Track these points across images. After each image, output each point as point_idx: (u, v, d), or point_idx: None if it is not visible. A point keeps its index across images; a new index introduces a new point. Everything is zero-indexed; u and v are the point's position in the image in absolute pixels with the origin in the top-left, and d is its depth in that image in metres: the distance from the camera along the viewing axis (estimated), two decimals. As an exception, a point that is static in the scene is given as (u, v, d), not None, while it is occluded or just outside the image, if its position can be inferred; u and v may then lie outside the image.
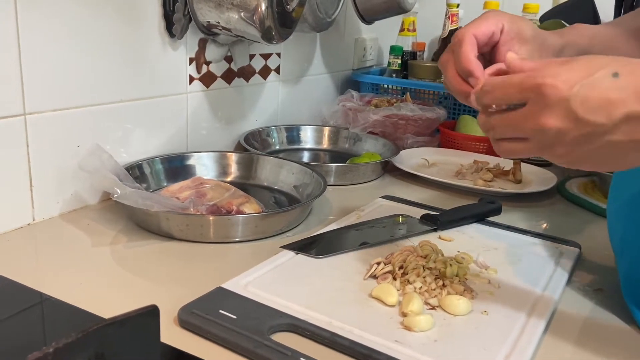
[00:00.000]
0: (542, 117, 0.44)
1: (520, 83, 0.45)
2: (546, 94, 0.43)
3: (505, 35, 0.57)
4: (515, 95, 0.45)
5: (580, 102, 0.42)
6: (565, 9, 1.29)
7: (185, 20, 0.86)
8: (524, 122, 0.45)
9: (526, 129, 0.45)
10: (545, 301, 0.58)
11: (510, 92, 0.46)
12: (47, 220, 0.73)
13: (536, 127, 0.44)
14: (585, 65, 0.43)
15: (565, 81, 0.42)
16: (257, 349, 0.46)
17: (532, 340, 0.51)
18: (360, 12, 1.21)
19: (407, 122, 1.17)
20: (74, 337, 0.32)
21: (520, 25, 0.57)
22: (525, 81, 0.44)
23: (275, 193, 0.89)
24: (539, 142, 0.45)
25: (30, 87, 0.68)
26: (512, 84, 0.46)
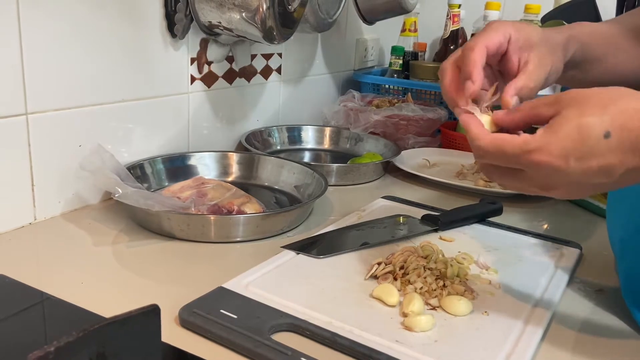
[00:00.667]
0: (545, 188, 0.46)
1: (516, 157, 0.45)
2: (545, 171, 0.44)
3: (514, 44, 0.56)
4: (510, 164, 0.47)
5: (582, 173, 0.43)
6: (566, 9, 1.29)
7: (186, 20, 0.86)
8: (528, 187, 0.47)
9: (529, 191, 0.48)
10: (546, 302, 0.58)
11: (505, 161, 0.47)
12: (49, 219, 0.73)
13: (540, 189, 0.47)
14: (575, 130, 0.43)
15: (560, 156, 0.43)
16: (257, 349, 0.46)
17: (533, 341, 0.51)
18: (362, 12, 1.21)
19: (408, 122, 1.17)
20: (75, 336, 0.32)
21: (526, 33, 0.57)
22: (522, 157, 0.45)
23: (276, 193, 0.89)
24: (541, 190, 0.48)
25: (32, 86, 0.68)
26: (507, 155, 0.46)
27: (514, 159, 0.46)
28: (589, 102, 0.44)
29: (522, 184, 0.48)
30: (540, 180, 0.46)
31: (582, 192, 0.47)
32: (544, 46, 0.58)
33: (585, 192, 0.47)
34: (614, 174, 0.43)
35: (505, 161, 0.47)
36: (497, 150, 0.47)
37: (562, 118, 0.44)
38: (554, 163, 0.44)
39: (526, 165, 0.45)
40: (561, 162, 0.43)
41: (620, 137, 0.42)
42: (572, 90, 0.46)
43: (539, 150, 0.44)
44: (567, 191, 0.46)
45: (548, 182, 0.46)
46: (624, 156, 0.42)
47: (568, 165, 0.43)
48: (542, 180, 0.46)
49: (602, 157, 0.43)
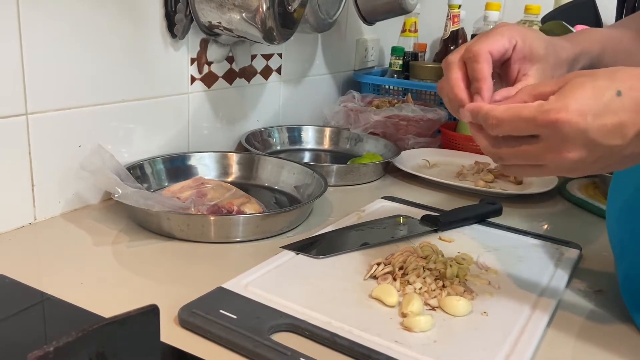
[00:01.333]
0: (562, 151, 0.45)
1: (533, 119, 0.45)
2: (563, 129, 0.43)
3: (517, 53, 0.55)
4: (527, 129, 0.46)
5: (598, 130, 0.43)
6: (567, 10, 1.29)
7: (187, 21, 0.86)
8: (543, 155, 0.46)
9: (545, 159, 0.46)
10: (546, 302, 0.58)
11: (521, 126, 0.46)
12: (49, 219, 0.73)
13: (556, 158, 0.45)
14: (590, 90, 0.44)
15: (578, 113, 0.43)
16: (257, 349, 0.46)
17: (532, 342, 0.51)
18: (362, 12, 1.21)
19: (408, 122, 1.17)
20: (75, 336, 0.32)
21: (532, 44, 0.55)
22: (538, 117, 0.44)
23: (276, 193, 0.89)
24: (557, 167, 0.47)
25: (32, 86, 0.68)
26: (524, 118, 0.45)
27: (531, 122, 0.45)
28: (597, 72, 0.46)
29: (539, 155, 0.46)
30: (557, 144, 0.45)
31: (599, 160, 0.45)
32: (548, 62, 0.56)
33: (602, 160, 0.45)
34: (627, 134, 0.43)
35: (523, 126, 0.45)
36: (513, 116, 0.46)
37: (574, 83, 0.45)
38: (572, 119, 0.43)
39: (545, 125, 0.44)
40: (580, 118, 0.43)
41: (630, 96, 0.43)
42: (576, 72, 0.48)
43: (556, 109, 0.43)
44: (586, 157, 0.45)
45: (566, 144, 0.44)
46: (636, 115, 0.43)
47: (586, 121, 0.43)
48: (560, 143, 0.44)
49: (616, 114, 0.43)
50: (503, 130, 0.47)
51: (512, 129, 0.46)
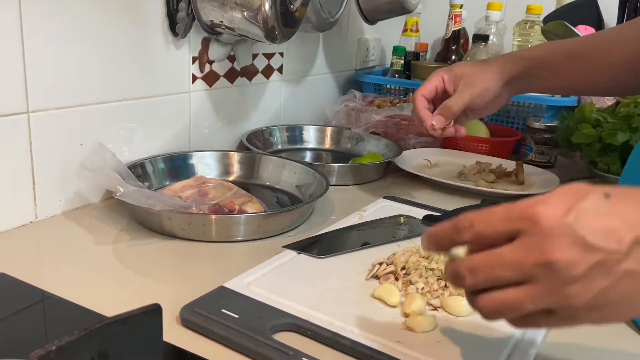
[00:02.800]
0: (545, 250, 0.35)
1: (507, 212, 0.37)
2: (543, 223, 0.35)
3: (447, 82, 0.78)
4: (502, 227, 0.37)
5: (585, 227, 0.34)
6: (568, 10, 1.29)
7: (188, 19, 0.86)
8: (523, 258, 0.35)
9: (526, 267, 0.35)
10: (548, 303, 0.58)
11: (495, 224, 0.37)
12: (50, 218, 0.73)
13: (539, 262, 0.35)
14: (571, 191, 0.36)
15: (558, 206, 0.35)
16: (259, 349, 0.46)
17: (534, 342, 0.51)
18: (364, 12, 1.20)
19: (409, 122, 1.17)
20: (77, 335, 0.32)
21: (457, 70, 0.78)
22: (513, 210, 0.36)
23: (278, 193, 0.89)
24: (545, 282, 0.35)
25: (33, 85, 0.68)
26: (497, 216, 0.37)
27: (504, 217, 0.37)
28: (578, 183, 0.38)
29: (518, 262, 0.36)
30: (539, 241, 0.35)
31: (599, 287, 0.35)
32: (473, 72, 0.76)
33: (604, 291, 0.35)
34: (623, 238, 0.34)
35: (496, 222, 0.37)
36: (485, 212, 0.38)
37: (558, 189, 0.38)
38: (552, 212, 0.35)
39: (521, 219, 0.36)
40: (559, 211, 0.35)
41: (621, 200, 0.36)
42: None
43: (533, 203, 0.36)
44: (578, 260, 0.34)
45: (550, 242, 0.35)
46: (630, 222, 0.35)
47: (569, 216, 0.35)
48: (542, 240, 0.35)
49: (606, 215, 0.35)
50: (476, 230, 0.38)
51: (486, 228, 0.37)
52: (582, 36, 0.84)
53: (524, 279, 0.36)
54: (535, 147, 1.15)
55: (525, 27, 1.37)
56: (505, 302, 0.36)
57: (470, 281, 0.37)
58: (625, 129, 0.89)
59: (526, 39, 1.37)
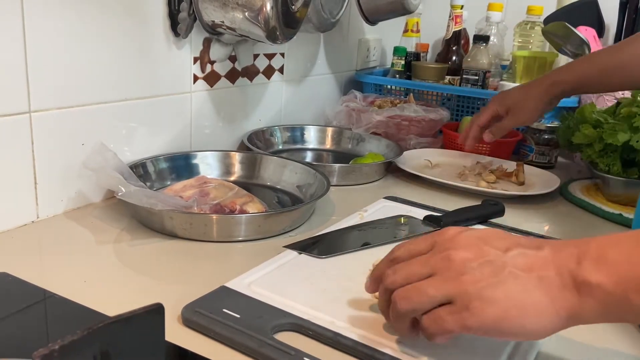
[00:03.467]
0: (447, 248, 0.45)
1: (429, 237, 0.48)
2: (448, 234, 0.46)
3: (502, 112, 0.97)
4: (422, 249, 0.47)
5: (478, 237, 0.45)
6: (569, 11, 1.29)
7: (190, 20, 0.86)
8: (432, 256, 0.45)
9: (432, 261, 0.45)
10: (548, 303, 0.58)
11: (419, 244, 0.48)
12: (51, 217, 0.73)
13: (443, 256, 0.45)
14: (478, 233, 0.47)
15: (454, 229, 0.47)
16: (260, 348, 0.46)
17: (534, 344, 0.51)
18: (365, 12, 1.21)
19: (410, 123, 1.17)
20: (80, 334, 0.32)
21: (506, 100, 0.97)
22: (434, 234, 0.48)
23: (279, 193, 0.89)
24: (445, 273, 0.44)
25: (35, 84, 0.68)
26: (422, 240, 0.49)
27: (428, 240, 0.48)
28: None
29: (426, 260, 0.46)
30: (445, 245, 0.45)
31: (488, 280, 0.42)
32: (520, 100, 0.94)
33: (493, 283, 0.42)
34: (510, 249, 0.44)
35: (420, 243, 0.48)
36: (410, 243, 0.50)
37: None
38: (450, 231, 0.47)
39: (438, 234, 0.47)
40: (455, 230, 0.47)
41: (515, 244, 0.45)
42: None
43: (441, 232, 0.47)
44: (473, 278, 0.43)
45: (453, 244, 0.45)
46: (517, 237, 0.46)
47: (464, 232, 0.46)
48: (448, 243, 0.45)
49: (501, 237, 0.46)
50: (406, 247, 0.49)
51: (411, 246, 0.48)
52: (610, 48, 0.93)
53: (430, 273, 0.44)
54: (535, 148, 1.16)
55: (526, 28, 1.37)
56: (414, 288, 0.44)
57: (391, 278, 0.46)
58: (626, 129, 0.89)
59: (527, 39, 1.38)
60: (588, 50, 1.12)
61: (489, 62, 1.29)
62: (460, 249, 0.44)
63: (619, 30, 1.35)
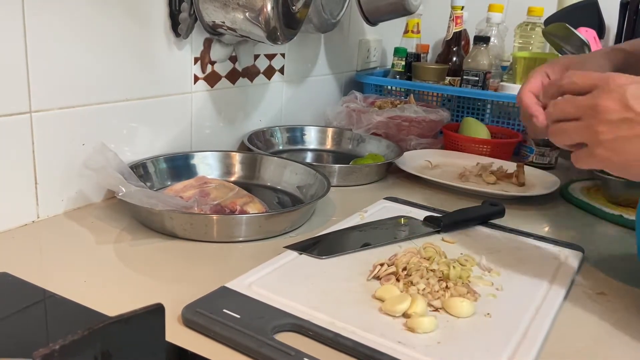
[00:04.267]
0: (598, 98, 0.52)
1: (594, 78, 0.53)
2: (610, 82, 0.51)
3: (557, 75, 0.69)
4: (587, 86, 0.54)
5: (634, 93, 0.50)
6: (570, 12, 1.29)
7: (190, 20, 0.86)
8: (583, 100, 0.53)
9: (582, 106, 0.53)
10: (548, 304, 0.58)
11: (586, 82, 0.54)
12: (52, 217, 0.73)
13: (590, 104, 0.52)
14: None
15: (626, 77, 0.52)
16: (260, 349, 0.46)
17: (535, 343, 0.51)
18: (365, 13, 1.21)
19: (410, 123, 1.17)
20: (81, 334, 0.32)
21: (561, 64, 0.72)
22: (598, 77, 0.53)
23: (279, 193, 0.89)
24: (587, 119, 0.52)
25: (36, 84, 0.68)
26: (589, 77, 0.54)
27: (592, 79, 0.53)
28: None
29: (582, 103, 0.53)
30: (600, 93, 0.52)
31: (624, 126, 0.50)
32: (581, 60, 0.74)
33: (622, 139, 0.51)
34: None
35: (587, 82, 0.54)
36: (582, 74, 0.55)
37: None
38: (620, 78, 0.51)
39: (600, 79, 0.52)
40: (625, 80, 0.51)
41: None
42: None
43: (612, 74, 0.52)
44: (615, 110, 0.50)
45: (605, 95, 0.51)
46: None
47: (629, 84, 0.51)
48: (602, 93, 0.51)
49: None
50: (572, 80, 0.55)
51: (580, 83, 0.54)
52: None
53: (579, 116, 0.53)
54: (536, 149, 1.16)
55: (527, 29, 1.38)
56: (561, 129, 0.55)
57: (553, 113, 0.57)
58: (626, 131, 0.89)
59: (527, 40, 1.38)
60: (589, 51, 1.12)
61: (490, 63, 1.29)
62: (608, 100, 0.51)
63: (619, 32, 1.35)
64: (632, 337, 0.55)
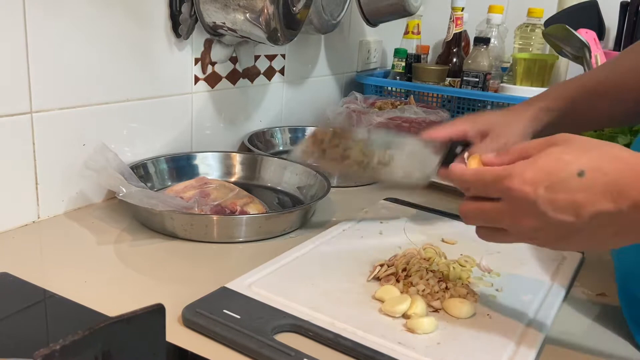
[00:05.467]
0: (516, 217, 0.46)
1: (493, 183, 0.47)
2: (515, 196, 0.45)
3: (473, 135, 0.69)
4: (490, 192, 0.48)
5: (548, 204, 0.44)
6: (570, 13, 1.29)
7: (191, 21, 0.86)
8: (501, 217, 0.48)
9: (503, 224, 0.48)
10: (548, 304, 0.58)
11: (485, 189, 0.48)
12: (52, 218, 0.73)
13: (513, 224, 0.47)
14: (549, 162, 0.45)
15: (531, 183, 0.45)
16: (260, 349, 0.47)
17: (535, 344, 0.51)
18: (365, 14, 1.21)
19: (410, 124, 1.17)
20: (81, 334, 0.33)
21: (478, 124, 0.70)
22: (497, 182, 0.47)
23: (279, 194, 0.89)
24: (519, 235, 0.48)
25: (37, 85, 0.68)
26: (485, 181, 0.48)
27: (492, 185, 0.47)
28: (574, 143, 0.46)
29: (497, 217, 0.48)
30: (514, 209, 0.46)
31: (557, 234, 0.46)
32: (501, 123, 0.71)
33: (560, 235, 0.46)
34: (582, 214, 0.43)
35: (485, 189, 0.48)
36: (478, 179, 0.49)
37: (545, 153, 0.46)
38: (523, 189, 0.45)
39: (501, 191, 0.46)
40: (530, 188, 0.44)
41: (594, 177, 0.43)
42: (563, 134, 0.48)
43: (512, 176, 0.46)
44: (539, 227, 0.45)
45: (520, 211, 0.46)
46: (594, 197, 0.43)
47: (536, 193, 0.44)
48: (516, 209, 0.46)
49: (571, 192, 0.43)
50: (472, 191, 0.50)
51: (479, 191, 0.49)
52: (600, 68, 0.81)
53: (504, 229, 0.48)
54: (536, 150, 1.15)
55: (527, 30, 1.38)
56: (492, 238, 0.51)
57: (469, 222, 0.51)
58: (626, 132, 0.89)
59: (527, 42, 1.38)
60: (589, 52, 1.12)
61: (490, 64, 1.29)
62: (526, 219, 0.45)
63: (619, 33, 1.35)
64: (632, 339, 0.55)
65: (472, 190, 0.50)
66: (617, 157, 0.44)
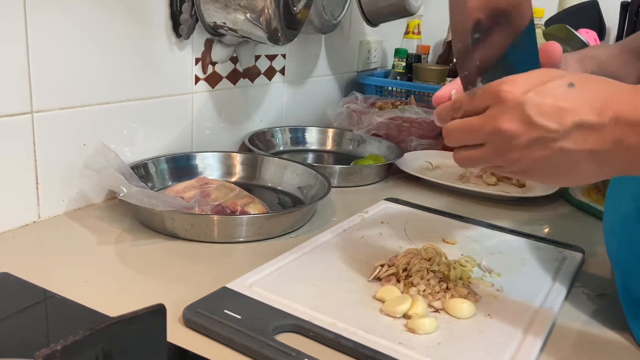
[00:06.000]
0: (498, 120, 0.45)
1: (483, 91, 0.47)
2: (503, 98, 0.45)
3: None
4: (479, 103, 0.47)
5: (534, 107, 0.44)
6: (570, 13, 1.29)
7: (192, 21, 0.86)
8: (482, 126, 0.47)
9: (483, 133, 0.47)
10: (549, 305, 0.58)
11: (475, 101, 0.48)
12: (53, 218, 0.73)
13: (492, 130, 0.46)
14: (542, 74, 0.46)
15: (520, 87, 0.45)
16: (261, 349, 0.47)
17: (535, 345, 0.51)
18: (366, 14, 1.21)
19: (411, 124, 1.17)
20: (82, 334, 0.32)
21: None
22: (487, 89, 0.47)
23: (280, 194, 0.89)
24: (494, 146, 0.47)
25: (37, 85, 0.68)
26: (477, 93, 0.48)
27: (481, 93, 0.47)
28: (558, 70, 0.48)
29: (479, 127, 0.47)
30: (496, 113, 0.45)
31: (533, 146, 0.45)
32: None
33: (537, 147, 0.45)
34: (565, 122, 0.43)
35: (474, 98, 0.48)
36: (469, 92, 0.49)
37: (538, 69, 0.47)
38: (514, 91, 0.44)
39: (491, 95, 0.46)
40: (519, 92, 0.44)
41: (582, 90, 0.44)
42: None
43: (504, 81, 0.45)
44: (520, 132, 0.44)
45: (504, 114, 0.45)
46: (580, 107, 0.43)
47: (526, 96, 0.44)
48: (499, 112, 0.45)
49: (558, 99, 0.44)
50: (463, 108, 0.49)
51: (469, 105, 0.48)
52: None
53: (482, 142, 0.47)
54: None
55: (527, 30, 1.37)
56: (467, 157, 0.49)
57: (451, 139, 0.51)
58: None
59: (528, 42, 1.37)
60: (589, 52, 1.12)
61: (490, 64, 1.29)
62: (509, 122, 0.45)
63: (620, 33, 1.35)
64: (633, 340, 0.55)
65: (464, 107, 0.49)
66: (607, 80, 0.45)
